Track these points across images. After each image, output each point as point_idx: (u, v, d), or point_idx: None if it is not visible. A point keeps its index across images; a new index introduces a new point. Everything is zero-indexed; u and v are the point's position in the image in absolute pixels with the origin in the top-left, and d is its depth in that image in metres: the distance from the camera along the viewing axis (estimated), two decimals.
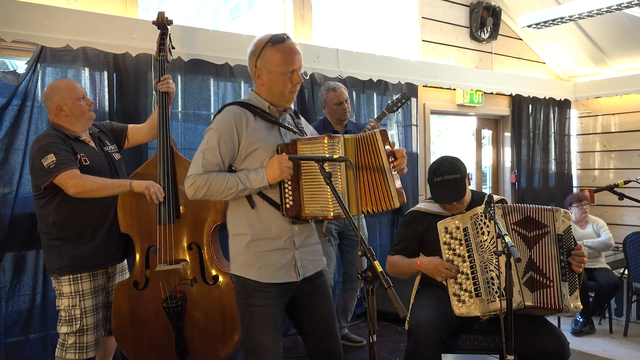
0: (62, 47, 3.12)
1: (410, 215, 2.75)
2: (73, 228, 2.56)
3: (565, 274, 2.36)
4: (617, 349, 4.45)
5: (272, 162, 1.97)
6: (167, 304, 2.64)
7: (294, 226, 2.07)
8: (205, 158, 1.97)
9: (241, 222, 2.06)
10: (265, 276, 2.02)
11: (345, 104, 3.57)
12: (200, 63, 3.68)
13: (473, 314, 2.36)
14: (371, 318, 1.65)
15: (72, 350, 2.59)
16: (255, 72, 2.05)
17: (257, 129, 2.03)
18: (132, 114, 3.39)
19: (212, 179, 1.95)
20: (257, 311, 2.01)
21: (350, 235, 3.66)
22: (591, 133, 6.68)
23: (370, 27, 5.02)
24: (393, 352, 3.63)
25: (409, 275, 2.64)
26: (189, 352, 2.70)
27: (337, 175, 1.96)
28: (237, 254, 2.08)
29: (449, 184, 2.53)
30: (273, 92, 2.05)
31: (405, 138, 4.97)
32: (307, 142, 2.00)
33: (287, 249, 2.06)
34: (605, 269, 5.01)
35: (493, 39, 5.83)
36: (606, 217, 6.05)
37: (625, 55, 6.03)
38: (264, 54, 2.00)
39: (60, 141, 2.50)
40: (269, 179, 1.96)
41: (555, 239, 2.39)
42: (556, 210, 2.42)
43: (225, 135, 1.98)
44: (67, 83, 2.67)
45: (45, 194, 2.52)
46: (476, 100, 5.62)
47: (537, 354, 2.31)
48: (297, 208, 1.99)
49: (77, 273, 2.57)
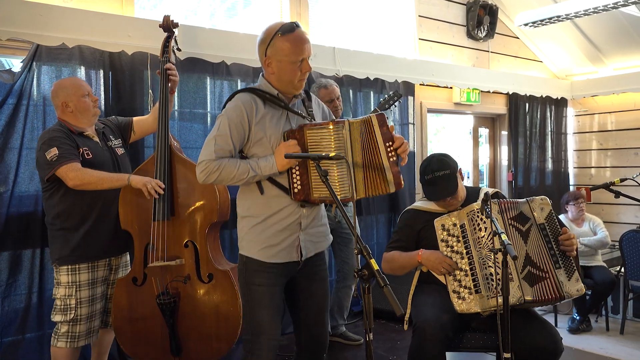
0: (58, 46, 3.10)
1: (407, 213, 2.76)
2: (75, 219, 2.67)
3: (558, 261, 2.37)
4: (614, 347, 4.47)
5: (280, 150, 2.02)
6: (160, 299, 2.67)
7: (303, 209, 2.11)
8: (217, 144, 2.01)
9: (250, 205, 2.11)
10: (268, 256, 2.07)
11: (336, 101, 3.55)
12: (196, 61, 3.67)
13: (473, 310, 2.36)
14: (368, 316, 1.65)
15: (64, 338, 2.66)
16: (265, 60, 2.08)
17: (266, 115, 2.07)
18: (128, 113, 3.37)
19: (224, 164, 1.99)
20: (257, 290, 2.06)
21: (343, 233, 3.64)
22: (588, 131, 6.70)
23: (367, 26, 5.01)
24: (390, 350, 3.64)
25: (407, 269, 2.64)
26: (183, 349, 2.71)
27: (342, 161, 1.98)
28: (244, 234, 2.13)
29: (440, 180, 2.54)
30: (282, 80, 2.08)
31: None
32: (313, 128, 2.04)
33: (293, 230, 2.11)
34: (601, 266, 5.03)
35: (490, 38, 5.83)
36: (602, 215, 6.07)
37: (622, 54, 6.04)
38: (274, 43, 2.03)
39: (64, 136, 2.62)
40: (278, 165, 2.01)
41: (538, 229, 2.40)
42: (531, 201, 2.45)
43: (237, 121, 2.02)
44: (72, 81, 2.79)
45: (51, 186, 2.64)
46: (473, 99, 5.62)
47: (529, 351, 2.31)
48: (305, 192, 2.03)
49: (77, 264, 2.66)
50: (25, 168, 3.08)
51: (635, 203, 3.34)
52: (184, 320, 2.73)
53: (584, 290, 2.37)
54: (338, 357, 3.54)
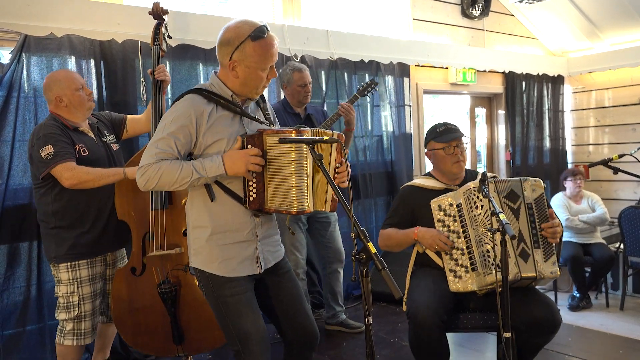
0: (46, 36, 3.06)
1: (405, 190, 2.76)
2: (71, 216, 2.60)
3: (537, 241, 2.39)
4: (614, 323, 4.49)
5: (237, 156, 1.89)
6: (161, 288, 2.66)
7: (256, 218, 2.02)
8: (159, 147, 1.88)
9: (201, 214, 1.99)
10: (227, 270, 1.98)
11: (308, 86, 3.51)
12: (188, 48, 3.62)
13: (470, 288, 2.37)
14: (366, 300, 1.64)
15: (70, 336, 2.64)
16: (230, 64, 1.93)
17: (219, 119, 1.94)
18: (120, 102, 3.35)
19: (164, 168, 1.86)
20: (231, 301, 1.97)
21: (321, 218, 3.60)
22: (585, 108, 6.67)
23: (360, 7, 4.95)
24: (391, 333, 3.65)
25: (404, 246, 2.64)
26: (186, 338, 2.71)
27: (303, 170, 1.88)
28: (198, 247, 2.01)
29: (453, 127, 2.68)
30: (247, 85, 1.97)
31: (398, 118, 4.94)
32: (274, 134, 1.91)
33: (250, 241, 2.01)
34: (600, 243, 5.04)
35: (485, 16, 5.77)
36: (601, 192, 6.06)
37: (618, 28, 5.98)
38: (244, 48, 1.90)
39: (59, 132, 2.53)
40: (229, 171, 1.89)
41: (526, 208, 2.43)
42: (524, 180, 2.47)
43: (183, 125, 1.88)
44: (65, 73, 2.70)
45: (45, 183, 2.56)
46: (469, 79, 5.58)
47: (528, 324, 2.32)
48: (260, 201, 1.93)
49: (75, 260, 2.61)
50: (18, 161, 3.05)
51: (633, 179, 3.33)
52: (185, 309, 2.72)
53: (558, 274, 2.39)
54: (339, 344, 3.55)
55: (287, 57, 4.12)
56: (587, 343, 3.55)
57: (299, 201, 1.89)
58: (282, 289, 2.12)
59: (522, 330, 2.33)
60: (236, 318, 1.96)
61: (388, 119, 4.87)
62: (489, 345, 3.38)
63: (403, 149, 4.98)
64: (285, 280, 2.13)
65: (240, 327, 1.96)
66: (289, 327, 2.11)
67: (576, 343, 3.48)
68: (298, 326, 2.10)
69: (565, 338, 3.47)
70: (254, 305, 2.02)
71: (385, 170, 4.90)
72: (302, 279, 3.55)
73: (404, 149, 4.99)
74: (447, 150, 2.62)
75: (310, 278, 4.23)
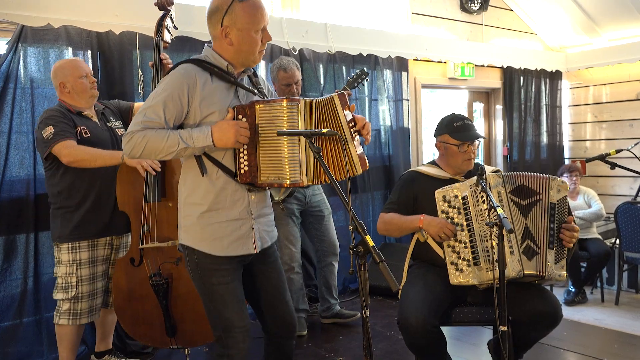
0: (43, 26, 3.04)
1: (408, 175, 2.72)
2: (75, 197, 2.72)
3: (553, 242, 2.35)
4: (609, 318, 4.52)
5: (226, 127, 1.84)
6: (153, 280, 2.68)
7: (250, 194, 1.98)
8: (146, 116, 1.82)
9: (195, 190, 1.94)
10: (219, 249, 1.93)
11: (294, 86, 3.36)
12: (186, 40, 3.61)
13: (470, 283, 2.33)
14: (364, 293, 1.64)
15: (66, 316, 2.73)
16: (222, 30, 1.88)
17: (214, 90, 1.90)
18: (117, 94, 3.33)
19: (149, 136, 1.80)
20: (217, 289, 1.95)
21: (315, 211, 3.59)
22: (582, 104, 6.67)
23: (359, 0, 4.93)
24: (387, 327, 3.66)
25: (404, 232, 2.60)
26: (179, 330, 2.72)
27: (295, 141, 1.85)
28: (190, 224, 1.95)
29: (471, 125, 2.62)
30: (241, 51, 1.91)
31: (396, 113, 4.93)
32: (266, 104, 1.88)
33: (245, 219, 1.97)
34: (596, 239, 5.06)
35: (484, 10, 5.76)
36: (597, 188, 6.08)
37: (617, 24, 5.98)
38: (232, 10, 1.85)
39: (60, 115, 2.67)
40: (217, 142, 1.84)
41: (547, 207, 2.37)
42: (552, 179, 2.40)
43: (174, 94, 1.83)
44: (71, 62, 2.82)
45: (51, 165, 2.70)
46: (467, 73, 5.58)
47: (530, 317, 2.32)
48: (252, 174, 1.90)
49: (77, 241, 2.72)
50: (15, 152, 3.04)
51: (630, 175, 3.34)
52: (178, 302, 2.72)
53: (564, 278, 2.37)
54: (335, 336, 3.56)
55: (285, 50, 4.10)
56: (582, 337, 3.56)
57: (292, 172, 1.84)
58: (268, 278, 2.11)
59: (523, 322, 2.33)
60: (221, 306, 1.96)
61: (386, 113, 4.86)
62: (485, 339, 3.38)
63: (401, 143, 4.98)
64: (271, 270, 2.12)
65: (224, 316, 1.96)
66: (269, 316, 2.11)
67: (571, 337, 3.49)
68: (278, 316, 2.11)
69: (560, 332, 3.48)
70: (240, 294, 2.00)
71: (382, 165, 4.89)
72: (298, 273, 3.55)
73: (401, 143, 4.99)
74: (461, 147, 2.57)
75: (307, 272, 4.24)
